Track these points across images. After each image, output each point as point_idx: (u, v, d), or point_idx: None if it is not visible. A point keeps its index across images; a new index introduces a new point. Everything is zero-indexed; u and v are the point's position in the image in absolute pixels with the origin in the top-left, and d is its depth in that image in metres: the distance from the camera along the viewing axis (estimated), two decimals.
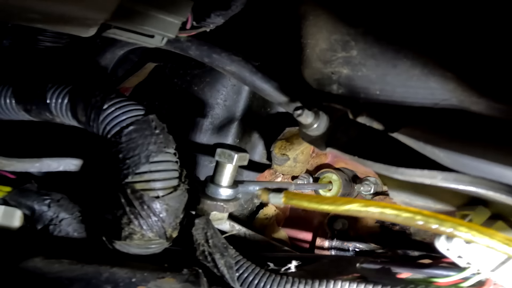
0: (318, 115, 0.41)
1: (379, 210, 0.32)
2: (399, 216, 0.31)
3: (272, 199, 0.45)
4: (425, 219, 0.29)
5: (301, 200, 0.40)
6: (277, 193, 0.44)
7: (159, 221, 0.44)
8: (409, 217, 0.31)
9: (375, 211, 0.32)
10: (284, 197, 0.43)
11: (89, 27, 0.43)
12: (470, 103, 0.33)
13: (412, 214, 0.31)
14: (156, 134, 0.45)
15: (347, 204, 0.34)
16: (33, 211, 0.49)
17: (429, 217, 0.29)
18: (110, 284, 0.39)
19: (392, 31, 0.36)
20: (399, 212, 0.31)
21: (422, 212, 0.30)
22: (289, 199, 0.42)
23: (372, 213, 0.32)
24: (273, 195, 0.45)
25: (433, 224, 0.29)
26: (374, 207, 0.32)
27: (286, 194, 0.43)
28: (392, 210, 0.32)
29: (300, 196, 0.41)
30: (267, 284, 0.45)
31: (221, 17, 0.53)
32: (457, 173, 0.31)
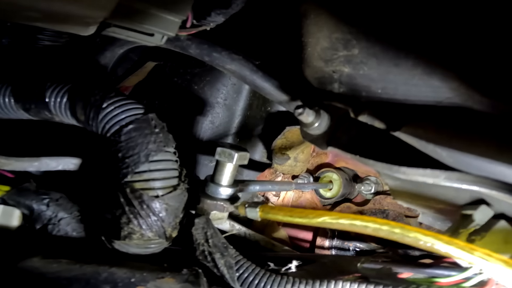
0: (319, 114, 0.41)
1: (349, 222, 0.34)
2: (368, 227, 0.33)
3: (249, 213, 0.47)
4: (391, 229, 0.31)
5: (277, 213, 0.42)
6: (253, 207, 0.46)
7: (159, 220, 0.44)
8: (376, 228, 0.33)
9: (346, 223, 0.34)
10: (260, 211, 0.45)
11: (88, 26, 0.42)
12: (473, 102, 0.32)
13: (379, 225, 0.32)
14: (155, 133, 0.44)
15: (319, 217, 0.36)
16: (32, 210, 0.48)
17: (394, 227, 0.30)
18: (109, 284, 0.39)
19: (394, 30, 0.36)
20: (367, 224, 0.33)
21: (389, 222, 0.31)
22: (265, 213, 0.44)
23: (343, 225, 0.34)
24: (250, 210, 0.47)
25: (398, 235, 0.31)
26: (345, 219, 0.34)
27: (262, 208, 0.45)
28: (361, 221, 0.33)
29: (275, 210, 0.43)
30: (267, 284, 0.45)
31: (221, 16, 0.52)
32: (460, 172, 0.31)
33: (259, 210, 0.45)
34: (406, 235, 0.31)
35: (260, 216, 0.45)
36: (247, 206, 0.47)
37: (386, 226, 0.32)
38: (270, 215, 0.44)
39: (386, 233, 0.32)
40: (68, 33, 0.58)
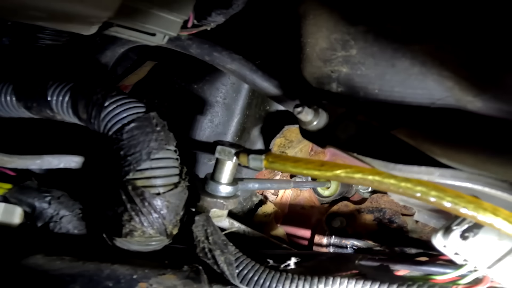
0: (317, 113, 0.42)
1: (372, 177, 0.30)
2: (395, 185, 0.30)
3: (252, 162, 0.40)
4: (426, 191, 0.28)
5: (285, 163, 0.35)
6: (257, 156, 0.39)
7: (160, 217, 0.44)
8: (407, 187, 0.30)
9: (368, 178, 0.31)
10: (265, 160, 0.38)
11: (91, 25, 0.43)
12: (467, 102, 0.33)
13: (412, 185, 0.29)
14: (157, 131, 0.45)
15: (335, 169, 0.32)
16: (34, 208, 0.49)
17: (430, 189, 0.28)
18: (112, 281, 0.39)
19: (391, 31, 0.37)
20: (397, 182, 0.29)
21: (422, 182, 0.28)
22: (270, 162, 0.37)
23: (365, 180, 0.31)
24: (253, 157, 0.40)
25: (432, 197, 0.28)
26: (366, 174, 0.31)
27: (267, 156, 0.38)
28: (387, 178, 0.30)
29: (283, 158, 0.36)
30: (266, 280, 0.45)
31: (222, 16, 0.53)
32: (454, 169, 0.32)
33: (264, 158, 0.38)
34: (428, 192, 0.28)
35: (265, 165, 0.38)
36: (251, 155, 0.40)
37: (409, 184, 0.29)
38: (276, 164, 0.36)
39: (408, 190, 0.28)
40: (68, 32, 0.58)
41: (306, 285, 0.45)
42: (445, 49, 0.34)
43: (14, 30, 0.60)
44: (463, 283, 0.45)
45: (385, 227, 0.76)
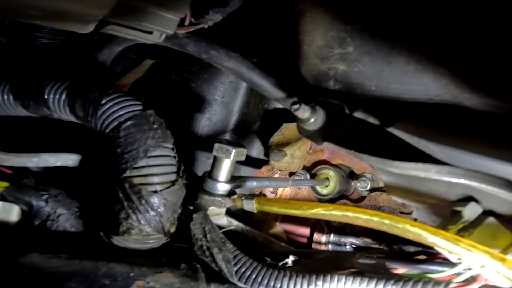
0: (315, 110, 0.42)
1: (341, 213, 0.35)
2: (359, 218, 0.35)
3: (245, 205, 0.48)
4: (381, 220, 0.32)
5: (272, 205, 0.44)
6: (250, 199, 0.48)
7: (157, 215, 0.44)
8: (367, 219, 0.34)
9: (338, 214, 0.36)
10: (256, 203, 0.46)
11: (88, 24, 0.43)
12: (463, 98, 0.33)
13: (370, 216, 0.34)
14: (154, 129, 0.45)
15: (313, 208, 0.37)
16: (31, 206, 0.49)
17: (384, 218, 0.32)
18: (108, 279, 0.39)
19: (387, 28, 0.37)
20: (359, 215, 0.34)
21: (379, 214, 0.33)
22: (261, 204, 0.46)
23: (336, 216, 0.36)
24: (246, 202, 0.48)
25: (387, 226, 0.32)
26: (337, 211, 0.36)
27: (258, 200, 0.46)
28: (353, 213, 0.35)
29: (270, 202, 0.45)
30: (265, 278, 0.45)
31: (219, 14, 0.53)
32: (450, 166, 0.32)
33: (255, 202, 0.46)
34: (395, 225, 0.32)
35: (256, 207, 0.46)
36: (244, 198, 0.48)
37: (376, 217, 0.33)
38: (266, 206, 0.45)
39: (377, 224, 0.33)
40: (66, 31, 0.58)
41: (304, 282, 0.45)
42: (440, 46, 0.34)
43: (12, 29, 0.60)
44: (459, 281, 0.45)
45: None
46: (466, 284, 0.44)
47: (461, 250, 0.31)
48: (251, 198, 0.47)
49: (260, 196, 0.47)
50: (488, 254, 0.30)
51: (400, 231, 0.33)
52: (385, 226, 0.33)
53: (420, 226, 0.32)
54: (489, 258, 0.30)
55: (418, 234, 0.32)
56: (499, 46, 0.31)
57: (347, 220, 0.35)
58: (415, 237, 0.32)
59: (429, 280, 0.43)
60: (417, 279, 0.43)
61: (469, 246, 0.30)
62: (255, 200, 0.46)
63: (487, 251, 0.30)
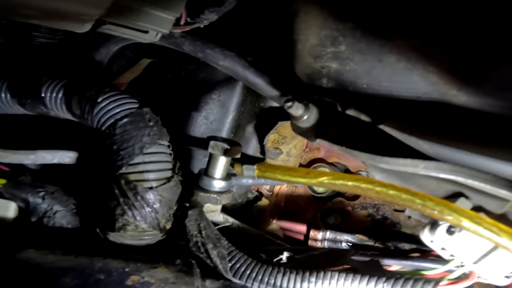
0: (308, 107, 0.43)
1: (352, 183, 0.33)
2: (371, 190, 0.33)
3: (246, 171, 0.46)
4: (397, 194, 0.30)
5: (275, 172, 0.40)
6: (250, 165, 0.45)
7: (153, 212, 0.45)
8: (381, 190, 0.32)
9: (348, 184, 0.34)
10: (258, 170, 0.44)
11: (84, 23, 0.43)
12: (451, 96, 0.34)
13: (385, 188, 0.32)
14: (150, 126, 0.45)
15: (319, 176, 0.35)
16: (28, 203, 0.49)
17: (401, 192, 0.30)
18: (103, 274, 0.39)
19: (378, 27, 0.38)
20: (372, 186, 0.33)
21: (395, 186, 0.31)
22: (262, 171, 0.43)
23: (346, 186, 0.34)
24: (246, 168, 0.46)
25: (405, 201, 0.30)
26: (347, 180, 0.34)
27: (259, 166, 0.43)
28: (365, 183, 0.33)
29: (273, 168, 0.42)
30: (259, 274, 0.46)
31: (214, 14, 0.53)
32: (438, 162, 0.32)
33: (256, 168, 0.44)
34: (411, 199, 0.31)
35: (257, 174, 0.44)
36: (244, 165, 0.46)
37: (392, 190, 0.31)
38: (267, 173, 0.42)
39: (391, 196, 0.31)
40: (63, 31, 0.59)
41: (298, 278, 0.45)
42: (429, 45, 0.34)
43: (9, 29, 0.61)
44: (451, 278, 0.46)
45: (378, 223, 0.76)
46: (458, 281, 0.45)
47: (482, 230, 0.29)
48: (252, 164, 0.45)
49: (262, 162, 0.44)
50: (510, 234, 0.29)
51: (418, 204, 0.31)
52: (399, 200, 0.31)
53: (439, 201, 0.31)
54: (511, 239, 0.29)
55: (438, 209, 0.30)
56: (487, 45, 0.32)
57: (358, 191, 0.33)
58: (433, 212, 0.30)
59: (420, 278, 0.44)
60: (408, 277, 0.44)
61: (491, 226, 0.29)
62: (256, 166, 0.44)
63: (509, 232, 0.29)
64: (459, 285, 0.44)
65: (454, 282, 0.45)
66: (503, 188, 0.30)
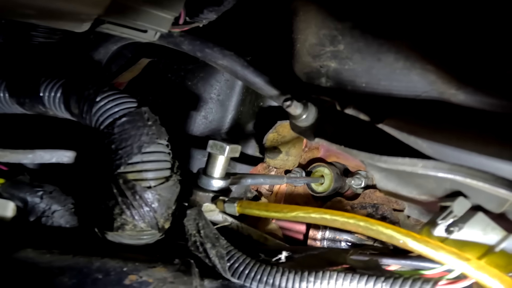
0: (306, 106, 0.43)
1: (320, 216, 0.37)
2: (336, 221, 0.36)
3: (227, 208, 0.50)
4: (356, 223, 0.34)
5: (253, 209, 0.45)
6: (231, 203, 0.49)
7: (151, 211, 0.45)
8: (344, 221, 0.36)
9: (317, 217, 0.37)
10: (238, 206, 0.48)
11: (82, 22, 0.43)
12: (449, 95, 0.34)
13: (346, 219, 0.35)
14: (148, 126, 0.45)
15: (292, 211, 0.39)
16: (26, 203, 0.49)
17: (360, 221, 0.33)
18: (101, 273, 0.39)
19: (377, 26, 0.38)
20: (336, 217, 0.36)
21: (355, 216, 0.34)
22: (243, 208, 0.48)
23: (315, 219, 0.37)
24: (228, 205, 0.50)
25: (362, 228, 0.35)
26: (316, 214, 0.37)
27: (240, 203, 0.48)
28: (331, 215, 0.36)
29: (252, 205, 0.46)
30: (257, 273, 0.45)
31: (213, 13, 0.53)
32: (436, 161, 0.32)
33: (236, 205, 0.48)
34: (370, 227, 0.34)
35: (238, 211, 0.48)
36: (226, 202, 0.50)
37: (353, 220, 0.34)
38: (247, 210, 0.47)
39: (353, 226, 0.35)
40: (62, 30, 0.59)
41: (296, 278, 0.45)
42: (428, 44, 0.34)
43: (8, 28, 0.61)
44: (449, 277, 0.45)
45: None
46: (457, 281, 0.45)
47: (429, 251, 0.32)
48: (233, 202, 0.49)
49: (241, 200, 0.49)
50: (455, 255, 0.31)
51: (374, 233, 0.34)
52: (360, 228, 0.35)
53: (392, 228, 0.34)
54: (456, 258, 0.31)
55: (391, 236, 0.33)
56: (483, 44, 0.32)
57: (325, 222, 0.37)
58: (388, 238, 0.34)
59: (419, 277, 0.44)
60: (407, 276, 0.44)
61: (436, 247, 0.31)
62: (236, 203, 0.48)
63: (453, 252, 0.31)
64: (458, 284, 0.44)
65: (453, 282, 0.45)
66: (502, 187, 0.30)
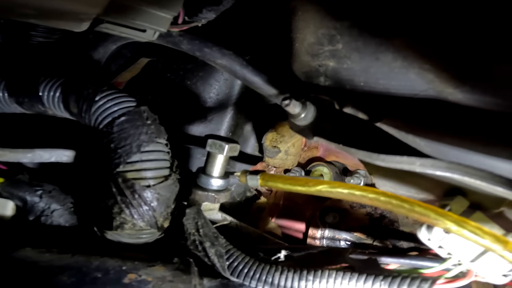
0: (305, 105, 0.43)
1: (347, 191, 0.35)
2: (365, 197, 0.34)
3: (250, 181, 0.48)
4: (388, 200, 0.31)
5: (276, 181, 0.43)
6: (254, 175, 0.48)
7: (150, 210, 0.45)
8: (374, 197, 0.34)
9: (344, 192, 0.35)
10: (261, 179, 0.46)
11: (81, 22, 0.43)
12: (447, 94, 0.34)
13: (376, 195, 0.33)
14: (147, 125, 0.45)
15: (318, 185, 0.37)
16: (25, 202, 0.49)
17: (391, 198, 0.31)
18: (101, 272, 0.39)
19: (374, 25, 0.38)
20: (365, 193, 0.34)
21: (386, 193, 0.32)
22: (265, 180, 0.45)
23: (342, 194, 0.35)
24: (250, 177, 0.48)
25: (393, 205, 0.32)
26: (342, 188, 0.35)
27: (262, 176, 0.46)
28: (359, 191, 0.34)
29: (275, 178, 0.44)
30: (256, 272, 0.46)
31: (212, 12, 0.53)
32: (434, 159, 0.32)
33: (259, 177, 0.46)
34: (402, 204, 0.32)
35: (260, 183, 0.46)
36: (248, 174, 0.49)
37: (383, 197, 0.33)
38: (270, 182, 0.45)
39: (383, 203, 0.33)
40: (61, 30, 0.59)
41: (295, 277, 0.45)
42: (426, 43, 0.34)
43: (7, 28, 0.61)
44: (448, 276, 0.46)
45: (377, 221, 0.76)
46: (456, 280, 0.45)
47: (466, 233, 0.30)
48: (255, 174, 0.47)
49: (264, 172, 0.47)
50: (493, 237, 0.30)
51: (406, 210, 0.32)
52: (390, 205, 0.33)
53: (426, 206, 0.32)
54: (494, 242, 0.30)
55: (425, 214, 0.31)
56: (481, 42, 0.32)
57: (352, 198, 0.35)
58: (421, 217, 0.32)
59: (417, 276, 0.44)
60: (405, 275, 0.44)
61: (475, 229, 0.30)
62: (259, 176, 0.46)
63: (492, 235, 0.30)
64: (456, 283, 0.44)
65: (451, 281, 0.45)
66: (499, 186, 0.30)
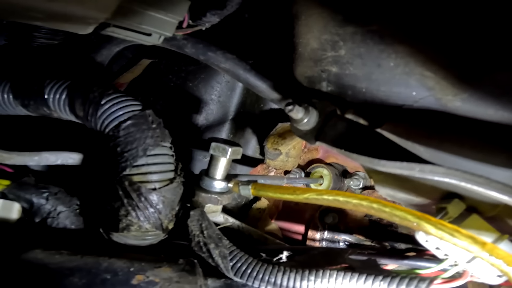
0: (308, 111, 0.44)
1: (333, 198, 0.36)
2: (349, 203, 0.35)
3: (242, 190, 0.50)
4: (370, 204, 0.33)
5: (267, 190, 0.45)
6: (246, 185, 0.49)
7: (156, 212, 0.46)
8: (357, 203, 0.35)
9: (329, 198, 0.37)
10: (252, 189, 0.48)
11: (88, 26, 0.44)
12: (447, 101, 0.35)
13: (359, 200, 0.35)
14: (153, 129, 0.46)
15: (305, 193, 0.38)
16: (31, 204, 0.50)
17: (373, 202, 0.33)
18: (110, 273, 0.40)
19: (377, 32, 0.39)
20: (349, 199, 0.35)
21: (368, 198, 0.34)
22: (257, 190, 0.47)
23: (328, 200, 0.37)
24: (243, 187, 0.50)
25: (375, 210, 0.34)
26: (328, 195, 0.37)
27: (254, 185, 0.47)
28: (344, 197, 0.36)
29: (266, 187, 0.46)
30: (259, 273, 0.46)
31: (216, 16, 0.54)
32: (433, 165, 0.33)
33: (251, 187, 0.48)
34: (383, 209, 0.33)
35: (252, 193, 0.48)
36: (241, 184, 0.50)
37: (366, 202, 0.34)
38: (261, 192, 0.47)
39: (366, 207, 0.34)
40: (64, 32, 0.59)
41: (297, 277, 0.46)
42: (427, 50, 0.35)
43: (10, 29, 0.61)
44: (445, 277, 0.47)
45: (375, 223, 0.77)
46: (452, 280, 0.46)
47: (444, 234, 0.32)
48: (247, 184, 0.49)
49: (256, 182, 0.49)
50: (471, 239, 0.31)
51: (388, 214, 0.33)
52: (373, 210, 0.34)
53: (406, 210, 0.33)
54: (471, 243, 0.31)
55: (404, 217, 0.33)
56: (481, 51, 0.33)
57: (337, 204, 0.36)
58: (401, 220, 0.33)
59: (415, 276, 0.45)
60: (404, 275, 0.45)
61: (452, 231, 0.31)
62: (251, 186, 0.48)
63: (470, 236, 0.31)
64: (453, 283, 0.45)
65: (448, 281, 0.46)
66: (494, 191, 0.31)
